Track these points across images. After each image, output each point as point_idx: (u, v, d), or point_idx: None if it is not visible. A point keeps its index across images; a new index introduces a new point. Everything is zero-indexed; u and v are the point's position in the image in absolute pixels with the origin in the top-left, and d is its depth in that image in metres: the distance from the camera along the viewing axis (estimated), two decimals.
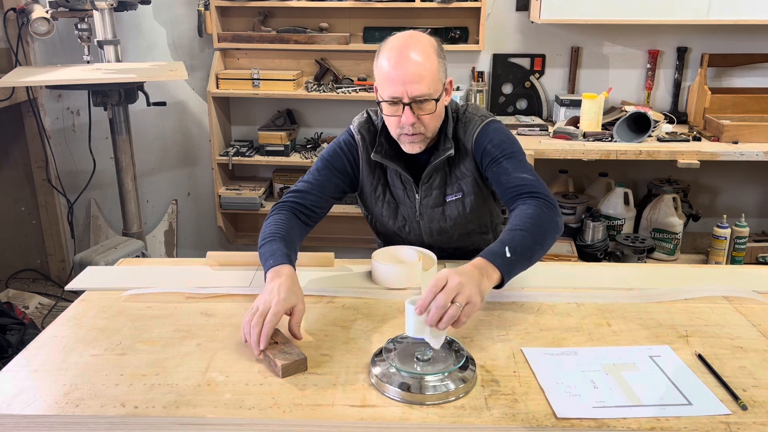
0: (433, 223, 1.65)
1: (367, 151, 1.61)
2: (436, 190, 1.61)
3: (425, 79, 1.42)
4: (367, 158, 1.61)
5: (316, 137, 3.28)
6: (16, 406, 1.01)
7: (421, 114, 1.45)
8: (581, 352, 1.17)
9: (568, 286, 1.45)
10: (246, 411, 1.00)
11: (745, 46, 3.03)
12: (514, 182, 1.46)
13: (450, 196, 1.61)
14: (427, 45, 1.44)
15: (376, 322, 1.28)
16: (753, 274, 1.54)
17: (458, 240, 1.69)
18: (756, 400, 1.03)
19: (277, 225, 1.47)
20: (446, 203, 1.62)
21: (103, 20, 2.75)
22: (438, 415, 0.99)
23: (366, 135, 1.62)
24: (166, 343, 1.20)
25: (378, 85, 1.48)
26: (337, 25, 3.14)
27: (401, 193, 1.63)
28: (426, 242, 1.68)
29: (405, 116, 1.44)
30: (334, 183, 1.61)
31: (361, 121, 1.65)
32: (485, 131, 1.56)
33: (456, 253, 1.68)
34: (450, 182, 1.61)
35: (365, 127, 1.63)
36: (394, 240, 1.73)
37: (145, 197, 3.51)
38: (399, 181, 1.62)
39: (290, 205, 1.56)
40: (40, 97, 3.27)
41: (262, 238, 1.44)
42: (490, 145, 1.53)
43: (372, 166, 1.63)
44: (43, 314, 3.08)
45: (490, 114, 1.62)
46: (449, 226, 1.65)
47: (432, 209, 1.62)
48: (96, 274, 1.54)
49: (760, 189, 3.29)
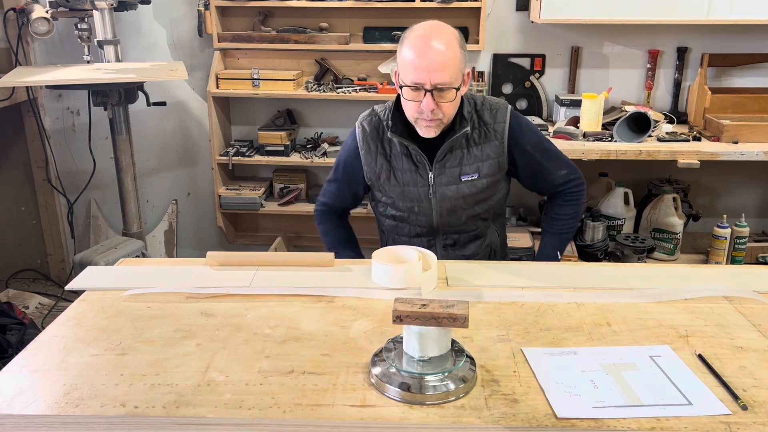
0: (445, 202, 1.71)
1: (366, 142, 1.72)
2: (451, 169, 1.68)
3: (448, 68, 1.50)
4: (366, 148, 1.72)
5: (316, 137, 3.28)
6: (16, 406, 1.01)
7: (440, 101, 1.53)
8: (581, 352, 1.17)
9: (568, 286, 1.45)
10: (246, 411, 1.00)
11: (745, 46, 3.03)
12: (556, 181, 1.77)
13: (465, 176, 1.68)
14: (451, 36, 1.53)
15: (376, 322, 1.28)
16: (753, 274, 1.54)
17: (464, 223, 1.76)
18: (756, 400, 1.03)
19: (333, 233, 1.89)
20: (461, 182, 1.69)
21: (103, 20, 2.75)
22: (438, 415, 0.99)
23: (367, 126, 1.72)
24: (166, 343, 1.20)
25: (400, 71, 1.56)
26: (337, 25, 3.14)
27: (410, 174, 1.70)
28: (434, 224, 1.74)
29: (426, 102, 1.52)
30: (353, 191, 1.84)
31: (364, 115, 1.76)
32: (518, 125, 1.70)
33: (459, 241, 1.76)
34: (467, 162, 1.68)
35: (367, 119, 1.74)
36: (400, 227, 1.80)
37: (145, 197, 3.51)
38: (409, 162, 1.69)
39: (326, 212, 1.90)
40: (40, 97, 3.27)
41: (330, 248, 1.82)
42: (530, 146, 1.71)
43: (373, 155, 1.71)
44: (43, 314, 3.08)
45: (501, 99, 1.75)
46: (461, 205, 1.72)
47: (446, 187, 1.69)
48: (96, 274, 1.54)
49: (760, 189, 3.29)
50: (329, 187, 1.88)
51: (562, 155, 1.79)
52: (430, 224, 1.75)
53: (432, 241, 1.79)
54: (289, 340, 1.21)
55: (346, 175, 1.82)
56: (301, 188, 3.33)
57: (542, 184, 1.80)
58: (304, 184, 3.33)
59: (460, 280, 1.49)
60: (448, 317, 1.03)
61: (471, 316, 1.11)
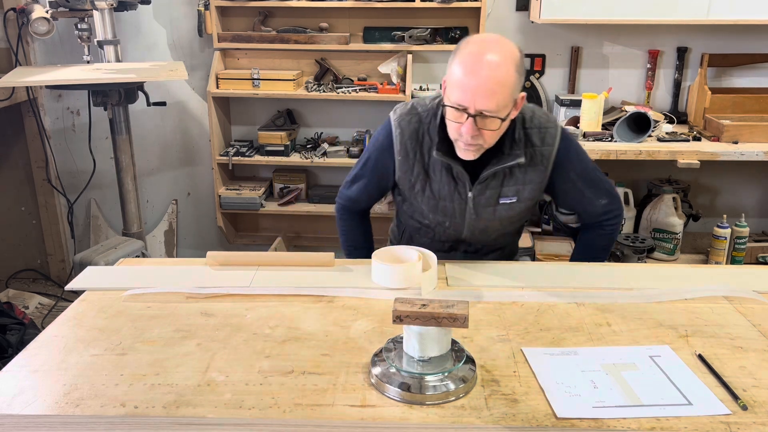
0: (480, 222, 1.62)
1: (404, 147, 1.57)
2: (491, 191, 1.57)
3: (497, 95, 1.34)
4: (404, 155, 1.57)
5: (316, 137, 3.28)
6: (16, 406, 1.01)
7: (483, 128, 1.39)
8: (581, 352, 1.17)
9: (568, 286, 1.45)
10: (246, 411, 1.00)
11: (745, 46, 3.03)
12: (595, 210, 1.67)
13: (504, 198, 1.58)
14: (509, 57, 1.35)
15: (376, 322, 1.28)
16: (753, 274, 1.54)
17: (494, 239, 1.71)
18: (756, 400, 1.03)
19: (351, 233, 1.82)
20: (499, 204, 1.59)
21: (103, 20, 2.75)
22: (438, 415, 0.99)
23: (406, 129, 1.56)
24: (166, 343, 1.20)
25: (447, 86, 1.42)
26: (337, 25, 3.13)
27: (448, 188, 1.58)
28: (462, 238, 1.67)
29: (466, 127, 1.38)
30: (380, 188, 1.72)
31: (402, 113, 1.58)
32: (566, 149, 1.57)
33: (481, 251, 1.73)
34: (508, 183, 1.56)
35: (407, 120, 1.57)
36: (423, 231, 1.71)
37: (145, 197, 3.51)
38: (449, 177, 1.56)
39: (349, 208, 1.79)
40: (40, 97, 3.27)
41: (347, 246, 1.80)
42: (573, 173, 1.60)
43: (410, 163, 1.58)
44: (43, 314, 3.08)
45: (551, 116, 1.61)
46: (495, 226, 1.64)
47: (483, 208, 1.59)
48: (96, 274, 1.54)
49: (760, 189, 3.29)
50: (355, 183, 1.72)
51: (605, 183, 1.67)
52: (457, 238, 1.67)
53: (454, 246, 1.72)
54: (289, 340, 1.21)
55: (376, 174, 1.68)
56: (301, 188, 3.33)
57: (579, 210, 1.72)
58: (304, 184, 3.33)
59: (460, 280, 1.49)
60: (448, 317, 1.03)
61: (471, 316, 1.11)
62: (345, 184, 1.76)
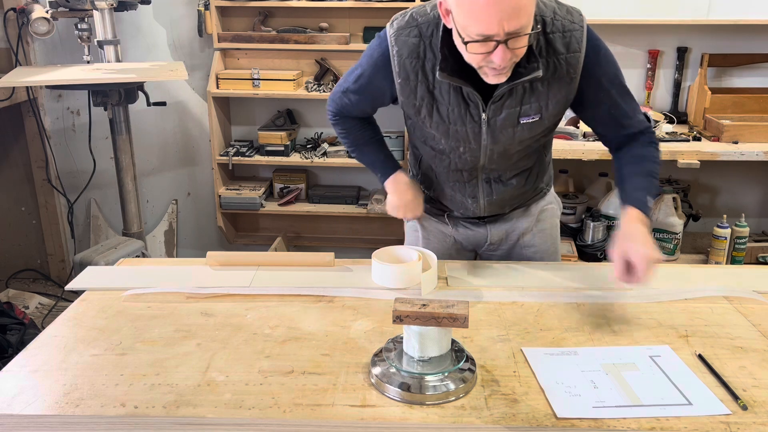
0: (498, 146, 1.43)
1: (404, 69, 1.36)
2: (508, 110, 1.36)
3: (524, 8, 1.14)
4: (405, 77, 1.37)
5: (316, 137, 3.28)
6: (16, 406, 1.01)
7: (515, 49, 1.19)
8: (581, 352, 1.17)
9: (568, 286, 1.45)
10: (246, 411, 1.00)
11: (745, 46, 3.03)
12: (634, 126, 1.44)
13: (525, 117, 1.38)
14: None
15: (376, 322, 1.28)
16: (753, 274, 1.54)
17: (512, 165, 1.52)
18: (756, 400, 1.03)
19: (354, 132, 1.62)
20: (519, 124, 1.39)
21: (103, 20, 2.75)
22: (438, 415, 0.99)
23: (404, 47, 1.35)
24: (166, 343, 1.20)
25: (460, 21, 1.18)
26: (337, 25, 3.14)
27: (458, 111, 1.38)
28: (480, 165, 1.49)
29: (498, 56, 1.18)
30: (375, 106, 1.55)
31: (401, 26, 1.36)
32: (596, 53, 1.35)
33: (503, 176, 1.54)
34: (528, 101, 1.36)
35: (405, 33, 1.35)
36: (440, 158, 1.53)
37: (145, 197, 3.51)
38: (458, 97, 1.36)
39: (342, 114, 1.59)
40: (40, 97, 3.27)
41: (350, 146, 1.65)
42: (605, 78, 1.38)
43: (413, 86, 1.38)
44: (43, 314, 3.08)
45: (577, 10, 1.36)
46: (515, 148, 1.46)
47: (500, 131, 1.40)
48: (96, 274, 1.54)
49: (760, 189, 3.29)
50: (345, 97, 1.52)
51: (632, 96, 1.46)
52: (475, 164, 1.49)
53: (473, 174, 1.53)
54: (289, 340, 1.21)
55: (369, 93, 1.48)
56: (301, 188, 3.33)
57: (614, 128, 1.45)
58: (304, 184, 3.33)
59: (460, 280, 1.49)
60: (448, 317, 1.03)
61: (471, 316, 1.11)
62: (335, 92, 1.56)
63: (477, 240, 1.69)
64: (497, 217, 1.65)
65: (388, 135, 3.03)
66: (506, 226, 1.66)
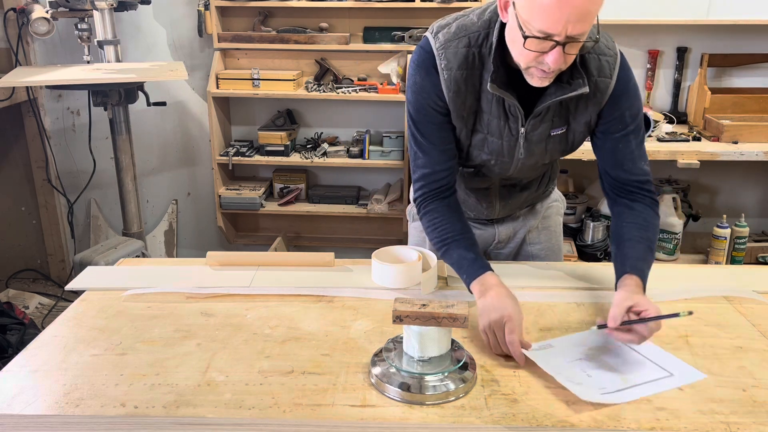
0: (531, 159, 1.41)
1: (455, 81, 1.32)
2: (544, 124, 1.35)
3: (591, 15, 1.15)
4: (456, 90, 1.32)
5: (316, 137, 3.28)
6: (16, 406, 1.01)
7: (569, 53, 1.18)
8: (556, 343, 1.19)
9: (568, 286, 1.45)
10: (246, 411, 1.00)
11: (745, 46, 3.03)
12: (638, 174, 1.37)
13: (555, 129, 1.37)
14: None
15: (376, 322, 1.28)
16: (753, 274, 1.54)
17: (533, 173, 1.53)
18: (756, 400, 1.03)
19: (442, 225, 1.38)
20: (550, 137, 1.38)
21: (103, 20, 2.75)
22: (438, 415, 0.99)
23: (454, 58, 1.31)
24: (166, 343, 1.20)
25: (524, 16, 1.15)
26: (337, 25, 3.14)
27: (497, 123, 1.36)
28: (505, 176, 1.48)
29: (552, 57, 1.16)
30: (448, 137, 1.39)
31: (448, 39, 1.32)
32: (625, 82, 1.35)
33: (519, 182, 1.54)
34: (559, 114, 1.35)
35: (454, 44, 1.31)
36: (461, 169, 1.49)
37: (145, 197, 3.51)
38: (499, 109, 1.34)
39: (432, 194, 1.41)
40: (40, 97, 3.27)
41: (437, 244, 1.38)
42: (629, 113, 1.36)
43: (463, 97, 1.33)
44: (43, 314, 3.08)
45: (610, 38, 1.37)
46: (541, 163, 1.45)
47: (536, 145, 1.39)
48: (96, 274, 1.54)
49: (760, 189, 3.29)
50: (420, 158, 1.41)
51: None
52: (502, 175, 1.47)
53: (494, 181, 1.53)
54: (289, 340, 1.21)
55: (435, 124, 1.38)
56: (301, 188, 3.33)
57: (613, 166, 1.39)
58: (304, 184, 3.33)
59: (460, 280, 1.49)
60: (448, 317, 1.03)
61: (471, 316, 1.11)
62: (413, 171, 1.44)
63: (485, 240, 1.69)
64: (506, 217, 1.66)
65: (388, 135, 3.04)
66: (514, 225, 1.67)
